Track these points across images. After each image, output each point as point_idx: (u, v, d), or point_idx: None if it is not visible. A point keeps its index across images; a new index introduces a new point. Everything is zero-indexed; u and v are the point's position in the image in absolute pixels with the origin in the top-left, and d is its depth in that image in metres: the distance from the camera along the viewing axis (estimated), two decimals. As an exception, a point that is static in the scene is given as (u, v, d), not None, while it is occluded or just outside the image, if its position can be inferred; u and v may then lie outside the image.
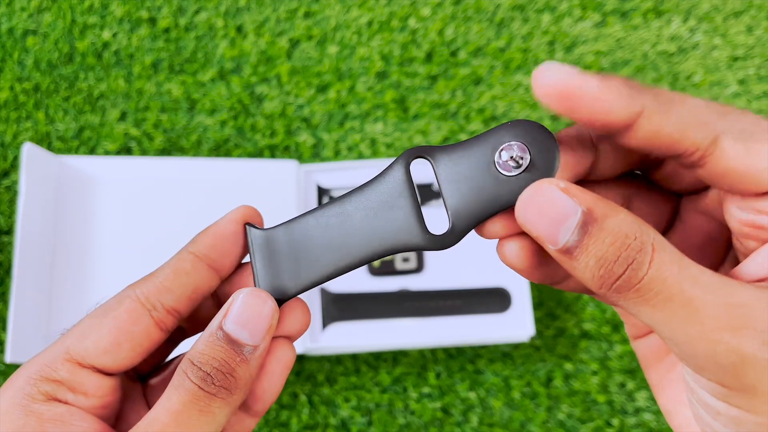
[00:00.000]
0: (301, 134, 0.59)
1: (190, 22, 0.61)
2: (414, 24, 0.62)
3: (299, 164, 0.56)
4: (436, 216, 0.23)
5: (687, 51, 0.63)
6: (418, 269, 0.55)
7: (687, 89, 0.62)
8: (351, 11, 0.62)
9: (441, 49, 0.62)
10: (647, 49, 0.63)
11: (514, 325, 0.54)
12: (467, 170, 0.21)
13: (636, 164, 0.22)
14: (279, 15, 0.62)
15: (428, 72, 0.61)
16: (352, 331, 0.53)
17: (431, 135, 0.60)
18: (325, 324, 0.53)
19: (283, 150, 0.59)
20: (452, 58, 0.62)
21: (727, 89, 0.62)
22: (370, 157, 0.59)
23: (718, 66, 0.63)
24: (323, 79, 0.61)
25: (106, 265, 0.53)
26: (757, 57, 0.63)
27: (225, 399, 0.20)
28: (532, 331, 0.53)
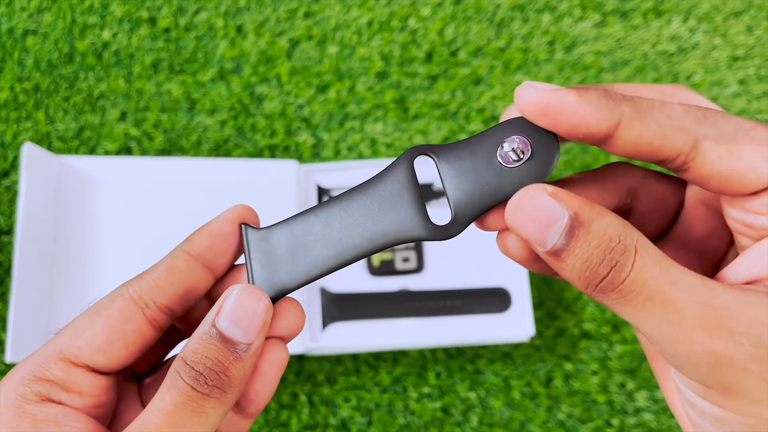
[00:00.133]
0: (301, 134, 0.59)
1: (190, 22, 0.61)
2: (414, 24, 0.62)
3: (299, 164, 0.56)
4: (437, 215, 0.23)
5: (687, 51, 0.63)
6: (418, 269, 0.55)
7: (687, 89, 0.62)
8: (351, 11, 0.62)
9: (441, 49, 0.62)
10: (647, 49, 0.63)
11: (514, 325, 0.54)
12: (469, 164, 0.21)
13: None
14: (279, 15, 0.62)
15: (428, 72, 0.61)
16: (352, 331, 0.53)
17: (431, 135, 0.60)
18: (325, 324, 0.53)
19: (283, 150, 0.59)
20: (452, 58, 0.62)
21: (727, 89, 0.62)
22: (370, 157, 0.59)
23: (718, 66, 0.63)
24: (323, 79, 0.61)
25: (106, 265, 0.53)
26: (757, 57, 0.63)
27: (219, 398, 0.20)
28: (532, 331, 0.53)
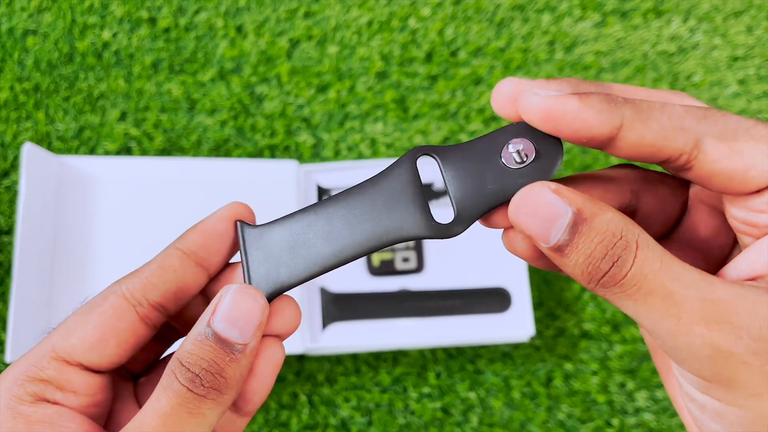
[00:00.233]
0: (301, 134, 0.59)
1: (190, 22, 0.61)
2: (414, 24, 0.62)
3: (299, 164, 0.56)
4: (437, 214, 0.23)
5: (687, 51, 0.63)
6: (418, 269, 0.55)
7: (687, 89, 0.62)
8: (351, 11, 0.62)
9: (441, 49, 0.62)
10: (647, 49, 0.63)
11: (514, 325, 0.54)
12: (473, 165, 0.21)
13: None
14: (279, 15, 0.62)
15: (428, 72, 0.61)
16: (352, 331, 0.53)
17: (431, 135, 0.60)
18: (325, 324, 0.53)
19: (283, 150, 0.59)
20: (452, 58, 0.62)
21: (727, 89, 0.62)
22: (370, 157, 0.59)
23: (718, 66, 0.63)
24: (323, 79, 0.61)
25: (106, 265, 0.53)
26: (757, 57, 0.63)
27: (215, 400, 0.20)
28: (532, 331, 0.53)
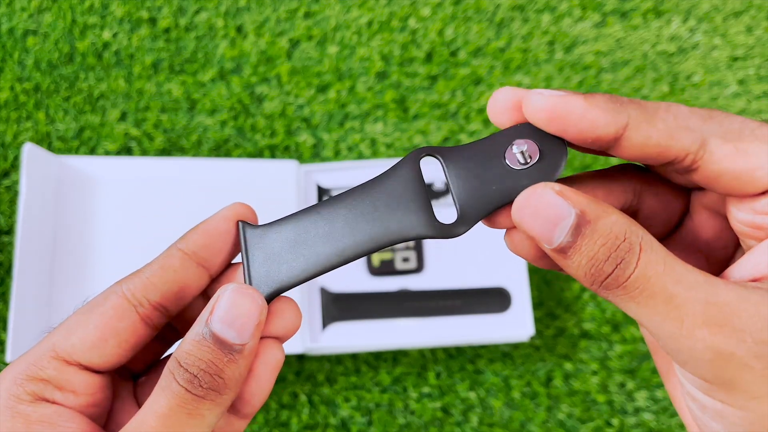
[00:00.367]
0: (301, 134, 0.59)
1: (191, 22, 0.61)
2: (414, 24, 0.62)
3: (299, 164, 0.56)
4: (438, 214, 0.23)
5: (687, 51, 0.63)
6: (418, 269, 0.55)
7: (687, 89, 0.62)
8: (351, 11, 0.62)
9: (441, 49, 0.62)
10: (647, 49, 0.63)
11: (514, 325, 0.54)
12: (476, 166, 0.21)
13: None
14: (279, 15, 0.62)
15: (428, 72, 0.61)
16: (352, 331, 0.53)
17: (431, 135, 0.60)
18: (325, 324, 0.53)
19: (283, 150, 0.59)
20: (452, 58, 0.62)
21: (727, 89, 0.62)
22: (370, 157, 0.59)
23: (718, 66, 0.63)
24: (323, 79, 0.61)
25: (107, 265, 0.53)
26: (757, 57, 0.63)
27: (214, 401, 0.20)
28: (532, 331, 0.53)
